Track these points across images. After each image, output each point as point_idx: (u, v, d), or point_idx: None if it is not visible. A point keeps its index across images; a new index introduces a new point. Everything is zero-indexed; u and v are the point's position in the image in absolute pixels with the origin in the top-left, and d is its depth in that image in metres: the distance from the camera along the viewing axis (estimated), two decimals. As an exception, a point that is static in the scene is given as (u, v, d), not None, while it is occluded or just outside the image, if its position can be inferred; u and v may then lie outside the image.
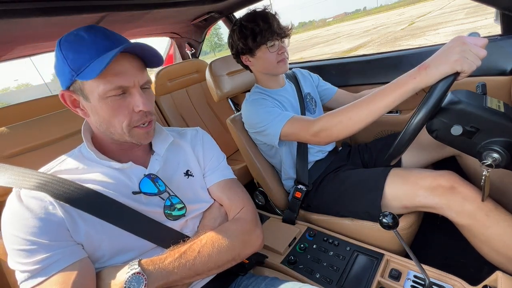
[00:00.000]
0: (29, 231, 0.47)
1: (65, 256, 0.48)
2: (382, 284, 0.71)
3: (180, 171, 0.68)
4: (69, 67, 0.51)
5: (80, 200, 0.51)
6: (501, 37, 0.97)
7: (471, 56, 0.56)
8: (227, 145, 1.86)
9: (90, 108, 0.55)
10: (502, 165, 0.56)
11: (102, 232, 0.52)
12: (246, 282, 0.71)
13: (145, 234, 0.56)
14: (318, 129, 0.80)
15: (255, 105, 0.98)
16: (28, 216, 0.48)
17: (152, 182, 0.61)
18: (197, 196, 0.68)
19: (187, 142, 0.73)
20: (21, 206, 0.49)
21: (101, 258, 0.53)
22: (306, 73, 1.23)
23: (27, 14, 0.78)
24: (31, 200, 0.49)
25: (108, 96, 0.52)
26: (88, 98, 0.53)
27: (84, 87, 0.53)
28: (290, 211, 1.05)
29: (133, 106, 0.55)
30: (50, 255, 0.47)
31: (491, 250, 0.70)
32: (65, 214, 0.50)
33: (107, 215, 0.53)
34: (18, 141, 0.74)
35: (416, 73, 0.62)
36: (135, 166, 0.61)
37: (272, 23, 0.93)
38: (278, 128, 0.89)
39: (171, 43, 2.15)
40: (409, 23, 13.82)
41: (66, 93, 0.55)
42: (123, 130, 0.56)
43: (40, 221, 0.48)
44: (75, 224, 0.51)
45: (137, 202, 0.58)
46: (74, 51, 0.51)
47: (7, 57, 1.25)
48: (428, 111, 0.58)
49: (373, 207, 0.85)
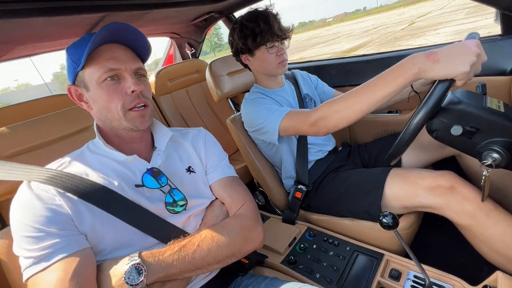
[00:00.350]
0: (37, 219, 0.49)
1: (69, 244, 0.49)
2: (382, 284, 0.71)
3: (183, 167, 0.69)
4: (71, 59, 0.57)
5: (87, 193, 0.53)
6: (501, 37, 0.98)
7: (474, 71, 0.56)
8: (227, 145, 1.86)
9: (92, 98, 0.59)
10: (502, 165, 0.56)
11: (107, 225, 0.54)
12: (246, 282, 0.71)
13: (148, 229, 0.57)
14: (316, 118, 0.78)
15: (254, 104, 0.98)
16: (37, 205, 0.50)
17: (154, 176, 0.63)
18: (198, 192, 0.69)
19: (188, 141, 0.74)
20: (31, 196, 0.51)
21: (103, 251, 0.54)
22: (305, 74, 1.23)
23: (27, 14, 0.78)
24: (40, 191, 0.52)
25: (103, 81, 0.57)
26: (89, 87, 0.58)
27: (84, 77, 0.58)
28: (290, 211, 1.05)
29: (126, 89, 0.58)
30: (55, 242, 0.48)
31: (491, 250, 0.70)
32: (72, 206, 0.52)
33: (112, 208, 0.55)
34: (18, 141, 0.74)
35: (421, 62, 0.59)
36: (139, 160, 0.63)
37: (273, 24, 0.92)
38: (277, 122, 0.89)
39: (171, 43, 2.15)
40: (409, 23, 13.82)
41: (72, 88, 0.60)
42: (119, 114, 0.58)
43: (48, 211, 0.50)
44: (81, 215, 0.52)
45: (140, 195, 0.59)
46: (75, 46, 0.57)
47: (7, 57, 1.25)
48: (428, 111, 0.58)
49: (373, 207, 0.85)
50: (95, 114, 0.62)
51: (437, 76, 0.58)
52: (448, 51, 0.58)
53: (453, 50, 0.57)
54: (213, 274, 0.67)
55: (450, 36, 7.33)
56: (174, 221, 0.62)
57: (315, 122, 0.79)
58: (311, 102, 1.14)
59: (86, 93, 0.59)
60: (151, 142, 0.70)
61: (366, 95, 0.68)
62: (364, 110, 0.69)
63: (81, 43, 0.57)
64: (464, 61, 0.55)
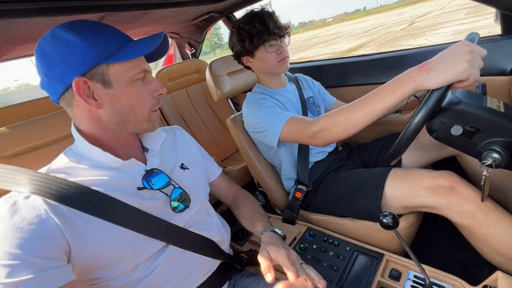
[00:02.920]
0: (13, 242, 0.41)
1: (47, 281, 0.41)
2: (382, 284, 0.71)
3: (176, 165, 0.70)
4: (97, 50, 0.50)
5: (85, 203, 0.49)
6: (501, 37, 0.97)
7: (476, 66, 0.54)
8: (227, 145, 1.86)
9: (110, 95, 0.53)
10: (502, 165, 0.56)
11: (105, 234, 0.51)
12: (245, 281, 0.71)
13: (154, 233, 0.56)
14: (316, 130, 0.79)
15: (256, 105, 0.98)
16: (15, 224, 0.43)
17: (155, 177, 0.62)
18: (196, 188, 0.70)
19: (175, 139, 0.75)
20: (8, 212, 0.44)
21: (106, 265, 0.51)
22: (309, 79, 1.24)
23: (27, 14, 0.78)
24: (22, 204, 0.45)
25: (135, 80, 0.55)
26: (111, 83, 0.52)
27: (108, 72, 0.52)
28: (290, 211, 1.05)
29: (152, 91, 0.58)
30: (32, 278, 0.40)
31: (491, 250, 0.70)
32: (64, 218, 0.46)
33: (116, 218, 0.51)
34: (18, 141, 0.74)
35: (416, 74, 0.58)
36: (137, 163, 0.60)
37: (269, 23, 0.92)
38: (278, 129, 0.89)
39: (171, 43, 2.15)
40: (409, 23, 13.82)
41: (81, 80, 0.50)
42: (143, 116, 0.58)
43: (28, 231, 0.42)
44: (75, 229, 0.47)
45: (141, 198, 0.58)
46: (102, 35, 0.52)
47: (7, 57, 1.25)
48: (428, 111, 0.58)
49: (373, 207, 0.85)
50: (102, 115, 0.55)
51: (437, 84, 0.56)
52: (439, 57, 0.57)
53: (444, 55, 0.56)
54: (212, 271, 0.67)
55: (450, 36, 7.33)
56: (178, 220, 0.62)
57: (315, 134, 0.79)
58: (314, 105, 1.14)
59: (101, 89, 0.52)
60: (140, 143, 0.68)
61: (366, 108, 0.68)
62: (364, 122, 0.70)
63: (108, 33, 0.53)
64: (458, 60, 0.54)
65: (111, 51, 0.51)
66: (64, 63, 0.50)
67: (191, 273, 0.63)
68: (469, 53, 0.54)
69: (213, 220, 0.72)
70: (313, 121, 0.81)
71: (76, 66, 0.50)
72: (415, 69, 0.60)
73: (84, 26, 0.52)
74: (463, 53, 0.54)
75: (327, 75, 1.44)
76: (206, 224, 0.69)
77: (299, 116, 0.91)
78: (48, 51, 0.50)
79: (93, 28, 0.52)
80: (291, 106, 1.05)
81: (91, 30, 0.52)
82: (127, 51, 0.53)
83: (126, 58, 0.52)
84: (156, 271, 0.57)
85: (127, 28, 1.36)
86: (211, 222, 0.71)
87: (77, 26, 0.51)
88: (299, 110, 1.07)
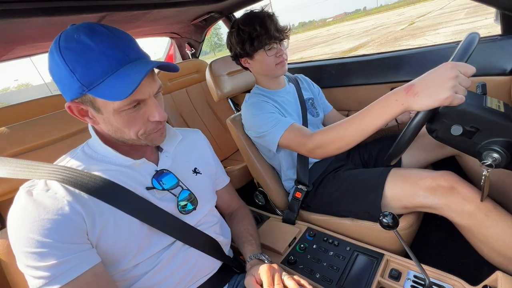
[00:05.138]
0: (42, 232, 0.44)
1: (80, 262, 0.46)
2: (382, 284, 0.71)
3: (189, 168, 0.70)
4: (79, 81, 0.46)
5: (104, 193, 0.51)
6: (501, 37, 0.97)
7: (462, 90, 0.54)
8: (227, 145, 1.86)
9: (102, 118, 0.53)
10: (502, 165, 0.56)
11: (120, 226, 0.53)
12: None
13: (167, 228, 0.58)
14: (313, 147, 0.82)
15: (254, 108, 0.98)
16: (41, 214, 0.45)
17: (164, 177, 0.62)
18: (205, 193, 0.71)
19: (192, 142, 0.76)
20: (33, 204, 0.46)
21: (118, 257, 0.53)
22: (310, 81, 1.24)
23: (27, 14, 0.78)
24: (44, 196, 0.47)
25: (123, 110, 0.50)
26: (100, 110, 0.51)
27: (95, 101, 0.50)
28: (290, 211, 1.05)
29: (149, 116, 0.54)
30: (64, 261, 0.45)
31: (491, 250, 0.70)
32: (85, 207, 0.49)
33: (130, 208, 0.53)
34: (18, 141, 0.74)
35: (403, 98, 0.59)
36: (147, 163, 0.62)
37: (269, 26, 0.92)
38: (277, 137, 0.90)
39: (171, 43, 2.15)
40: (409, 23, 13.82)
41: (73, 105, 0.51)
42: (138, 138, 0.55)
43: (54, 221, 0.45)
44: (94, 218, 0.50)
45: (151, 197, 0.59)
46: (84, 64, 0.46)
47: (7, 57, 1.25)
48: (428, 111, 0.58)
49: (373, 207, 0.85)
50: (103, 129, 0.56)
51: (422, 108, 0.57)
52: (425, 81, 0.57)
53: (429, 80, 0.56)
54: (213, 272, 0.68)
55: (450, 36, 7.33)
56: (187, 220, 0.64)
57: (312, 150, 0.83)
58: (313, 107, 1.14)
59: (94, 112, 0.52)
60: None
61: (357, 128, 0.71)
62: (357, 140, 0.73)
63: (90, 58, 0.46)
64: (441, 87, 0.54)
65: (93, 81, 0.47)
66: (60, 84, 0.50)
67: (191, 272, 0.63)
68: (454, 78, 0.53)
69: (217, 220, 0.74)
70: (310, 136, 0.83)
71: (66, 91, 0.50)
72: (401, 91, 0.60)
73: (74, 47, 0.46)
74: (447, 79, 0.54)
75: (327, 75, 1.44)
76: (211, 224, 0.71)
77: (298, 125, 0.91)
78: (49, 65, 0.50)
79: (79, 50, 0.46)
80: (290, 107, 1.05)
81: (76, 52, 0.46)
82: (107, 90, 0.47)
83: (107, 98, 0.47)
84: (157, 267, 0.58)
85: (127, 28, 1.36)
86: (216, 223, 0.73)
87: (66, 46, 0.46)
88: (299, 111, 1.07)
